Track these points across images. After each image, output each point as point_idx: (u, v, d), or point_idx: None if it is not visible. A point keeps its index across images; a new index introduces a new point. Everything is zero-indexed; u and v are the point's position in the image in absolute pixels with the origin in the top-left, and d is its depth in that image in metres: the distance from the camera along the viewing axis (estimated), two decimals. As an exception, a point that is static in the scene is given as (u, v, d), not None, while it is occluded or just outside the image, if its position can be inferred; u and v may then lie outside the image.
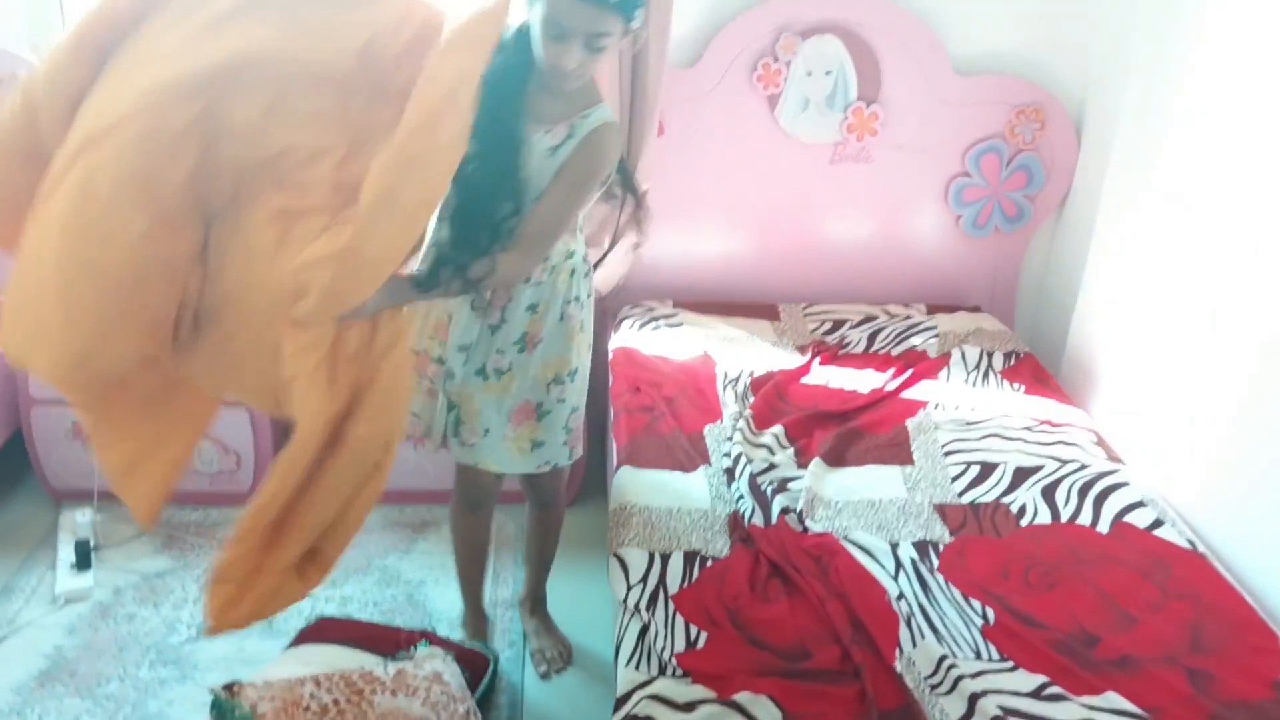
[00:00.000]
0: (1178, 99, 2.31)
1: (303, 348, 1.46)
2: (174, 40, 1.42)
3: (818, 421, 2.35)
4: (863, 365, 2.61)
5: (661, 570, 1.84)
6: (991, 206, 2.91)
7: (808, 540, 1.93)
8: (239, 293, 1.50)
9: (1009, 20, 2.77)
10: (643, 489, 2.08)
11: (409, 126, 1.43)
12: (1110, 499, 2.05)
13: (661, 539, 1.93)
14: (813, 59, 2.74)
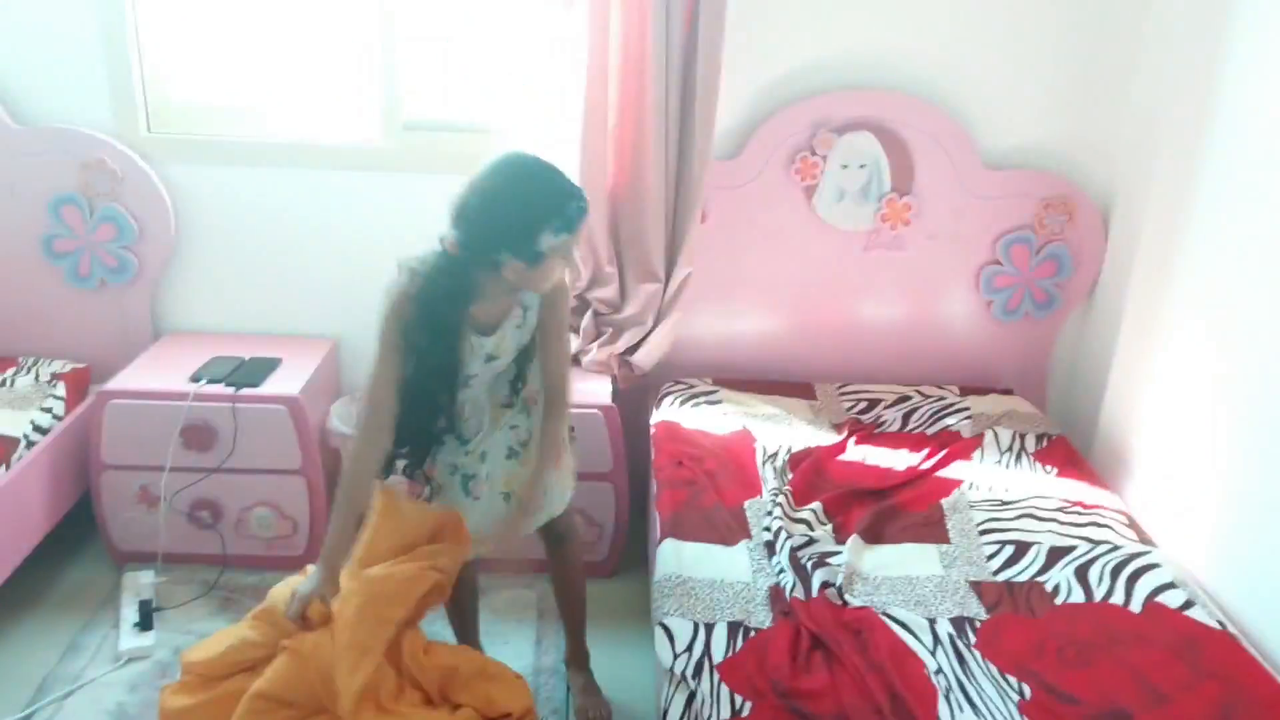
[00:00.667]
0: (1203, 191, 2.42)
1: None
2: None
3: (855, 498, 2.43)
4: (898, 444, 2.70)
5: (706, 640, 1.92)
6: (1022, 293, 3.02)
7: (847, 614, 2.00)
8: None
9: (1036, 116, 2.91)
10: (686, 560, 2.17)
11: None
12: (1142, 580, 2.11)
13: (705, 609, 2.01)
14: (848, 153, 2.89)
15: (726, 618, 1.99)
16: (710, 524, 2.30)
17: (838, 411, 2.90)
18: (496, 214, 1.83)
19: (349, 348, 3.14)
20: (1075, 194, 2.93)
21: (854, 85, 2.87)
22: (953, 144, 2.89)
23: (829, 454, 2.63)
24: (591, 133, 2.70)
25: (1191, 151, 2.46)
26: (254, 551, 2.82)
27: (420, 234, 3.00)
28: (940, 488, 2.49)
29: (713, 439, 2.65)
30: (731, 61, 2.70)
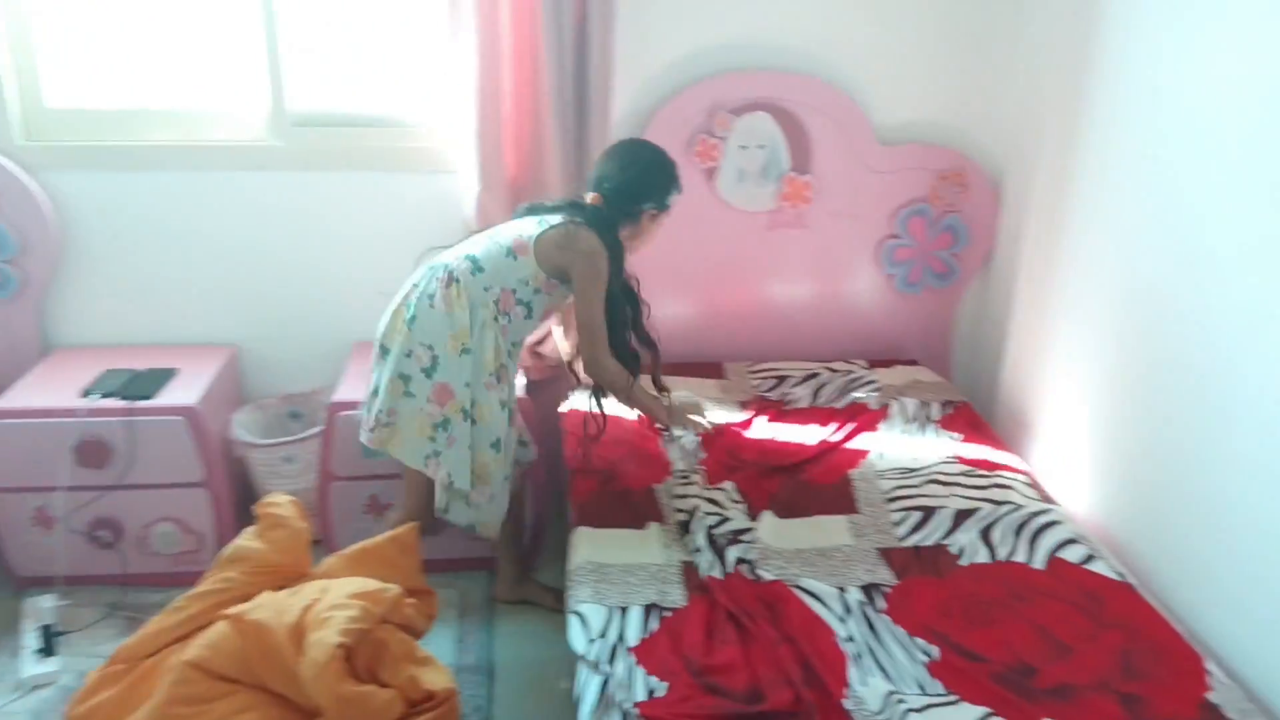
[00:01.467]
0: (1087, 160, 2.49)
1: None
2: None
3: (767, 475, 2.45)
4: (807, 420, 2.73)
5: (621, 624, 1.92)
6: (921, 265, 3.08)
7: (760, 589, 2.01)
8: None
9: (927, 91, 2.97)
10: (599, 547, 2.17)
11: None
12: (1044, 537, 2.17)
13: (619, 594, 2.01)
14: (746, 134, 2.91)
15: (640, 600, 1.99)
16: (622, 509, 2.30)
17: (746, 389, 2.92)
18: (643, 170, 2.33)
19: (250, 354, 3.06)
20: (968, 166, 3.00)
21: (749, 67, 2.89)
22: (847, 121, 2.93)
23: (739, 432, 2.64)
24: (487, 123, 2.67)
25: (1073, 121, 2.53)
26: (158, 569, 2.73)
27: (317, 232, 2.97)
28: (849, 459, 2.53)
29: (621, 426, 2.65)
30: (625, 45, 2.70)
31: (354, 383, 2.77)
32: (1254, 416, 1.88)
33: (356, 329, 3.05)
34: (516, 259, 2.26)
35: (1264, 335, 1.86)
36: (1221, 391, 1.97)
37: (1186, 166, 2.10)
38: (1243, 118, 1.93)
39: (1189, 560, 2.05)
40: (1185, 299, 2.11)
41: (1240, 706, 1.71)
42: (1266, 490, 1.85)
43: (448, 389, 2.24)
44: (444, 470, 2.28)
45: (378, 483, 2.71)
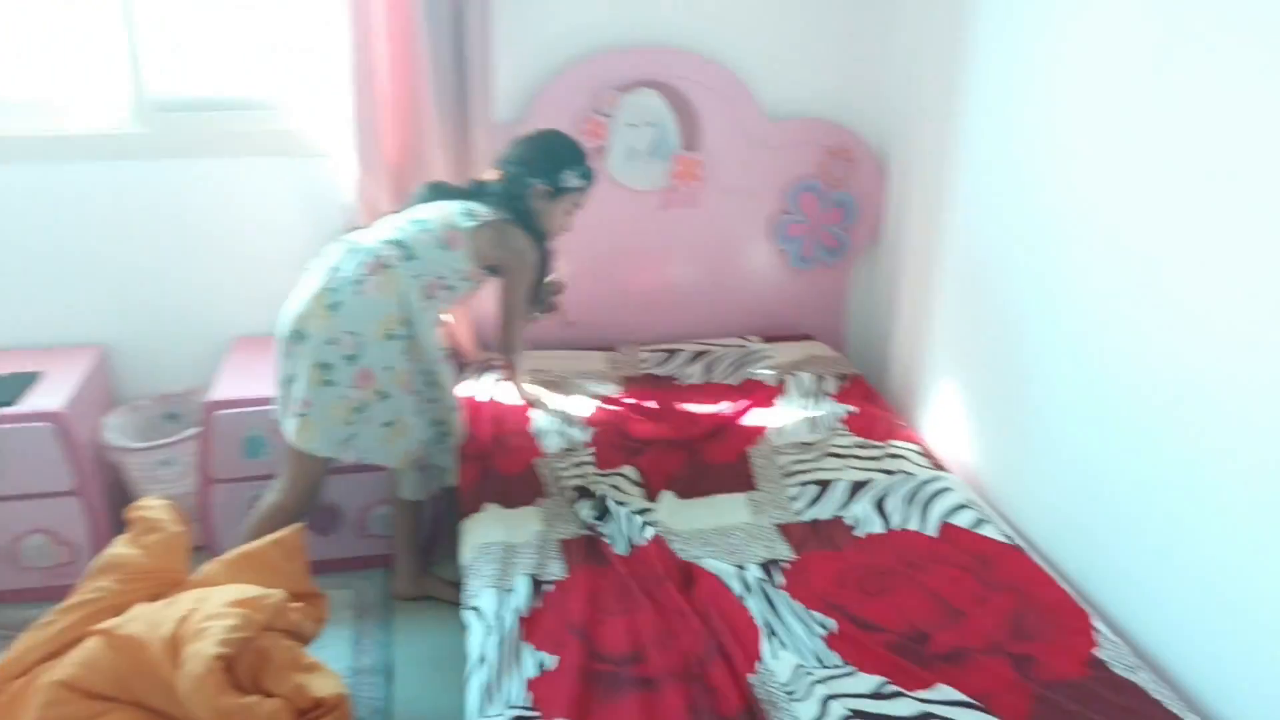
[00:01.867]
0: (965, 133, 2.52)
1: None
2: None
3: (665, 455, 2.43)
4: (701, 397, 2.71)
5: (511, 604, 1.89)
6: (813, 241, 3.09)
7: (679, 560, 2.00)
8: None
9: (811, 69, 2.97)
10: (487, 530, 2.15)
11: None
12: (935, 504, 2.19)
13: (506, 575, 1.97)
14: (634, 112, 2.87)
15: (525, 571, 1.97)
16: (504, 490, 2.28)
17: (634, 365, 2.88)
18: (534, 148, 2.41)
19: (121, 353, 2.91)
20: (855, 141, 3.01)
21: (634, 43, 2.84)
22: (735, 98, 2.91)
23: (630, 413, 2.61)
24: (364, 105, 2.57)
25: (952, 97, 2.56)
26: (31, 584, 2.57)
27: (187, 223, 2.83)
28: (747, 436, 2.52)
29: (494, 407, 2.58)
30: (505, 22, 2.64)
31: (233, 380, 2.66)
32: (1127, 381, 1.93)
33: (234, 323, 2.92)
34: (449, 250, 2.29)
35: (1131, 302, 1.90)
36: (1095, 357, 2.02)
37: (1054, 143, 2.14)
38: (1109, 94, 1.97)
39: (1073, 521, 2.10)
40: (1055, 269, 2.15)
41: (1126, 661, 1.75)
42: (1140, 450, 1.89)
43: (369, 374, 2.24)
44: (354, 453, 2.29)
45: (263, 483, 2.59)
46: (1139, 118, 1.89)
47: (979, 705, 1.65)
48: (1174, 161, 1.80)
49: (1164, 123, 1.83)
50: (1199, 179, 1.74)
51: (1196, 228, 1.75)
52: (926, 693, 1.67)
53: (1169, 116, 1.82)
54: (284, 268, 2.85)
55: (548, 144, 2.43)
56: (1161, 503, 1.84)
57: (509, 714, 1.62)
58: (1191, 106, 1.75)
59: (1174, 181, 1.80)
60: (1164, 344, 1.83)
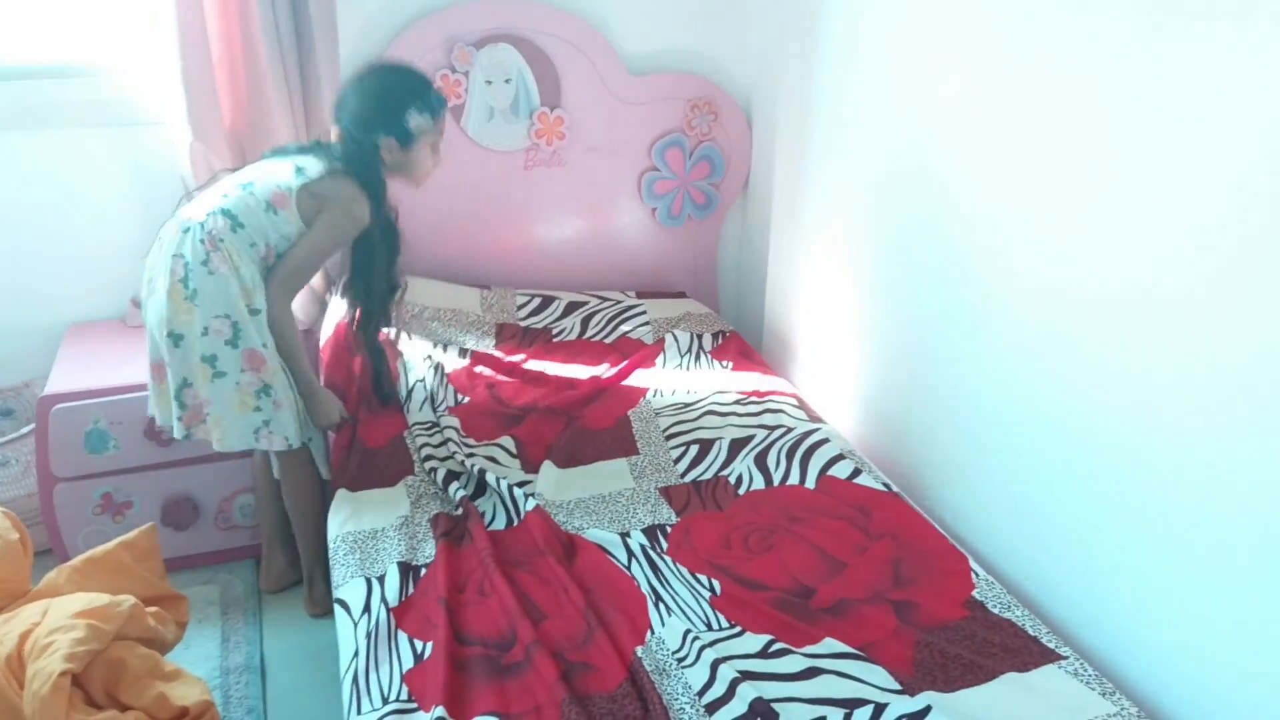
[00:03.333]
0: (823, 84, 2.51)
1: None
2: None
3: (543, 423, 2.36)
4: (577, 356, 2.64)
5: (381, 593, 1.80)
6: (682, 197, 3.05)
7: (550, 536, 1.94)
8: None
9: (672, 21, 2.90)
10: (352, 514, 2.05)
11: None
12: (814, 456, 2.19)
13: (375, 563, 1.89)
14: (490, 68, 2.75)
15: (395, 557, 1.89)
16: (371, 469, 2.17)
17: (508, 311, 2.78)
18: (366, 98, 2.13)
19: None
20: (718, 95, 2.97)
21: (487, -4, 2.72)
22: (594, 52, 2.82)
23: (500, 372, 2.53)
24: (194, 67, 2.38)
25: (812, 45, 2.54)
26: None
27: (12, 202, 2.58)
28: (626, 399, 2.47)
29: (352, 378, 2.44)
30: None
31: (70, 371, 2.46)
32: (995, 316, 1.96)
33: (68, 310, 2.71)
34: (277, 213, 2.09)
35: (1000, 237, 1.93)
36: (958, 295, 2.04)
37: (921, 80, 2.14)
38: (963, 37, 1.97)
39: (946, 464, 2.14)
40: (913, 213, 2.17)
41: (1002, 600, 1.79)
42: (1006, 387, 1.93)
43: (256, 354, 2.09)
44: (278, 437, 2.15)
45: (109, 479, 2.42)
46: (994, 62, 1.90)
47: (863, 655, 1.66)
48: (1036, 106, 1.81)
49: (1018, 67, 1.84)
50: (1055, 117, 1.76)
51: (1059, 163, 1.77)
52: (814, 647, 1.67)
53: (1023, 60, 1.83)
54: (118, 247, 2.67)
55: (380, 88, 2.14)
56: (1033, 444, 1.88)
57: (385, 710, 1.55)
58: (1046, 47, 1.77)
59: (1033, 122, 1.82)
60: (1029, 281, 1.86)
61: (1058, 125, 1.75)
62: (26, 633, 1.70)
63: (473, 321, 2.72)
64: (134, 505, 2.46)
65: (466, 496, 2.06)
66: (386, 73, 2.19)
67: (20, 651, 1.68)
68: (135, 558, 1.95)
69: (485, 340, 2.66)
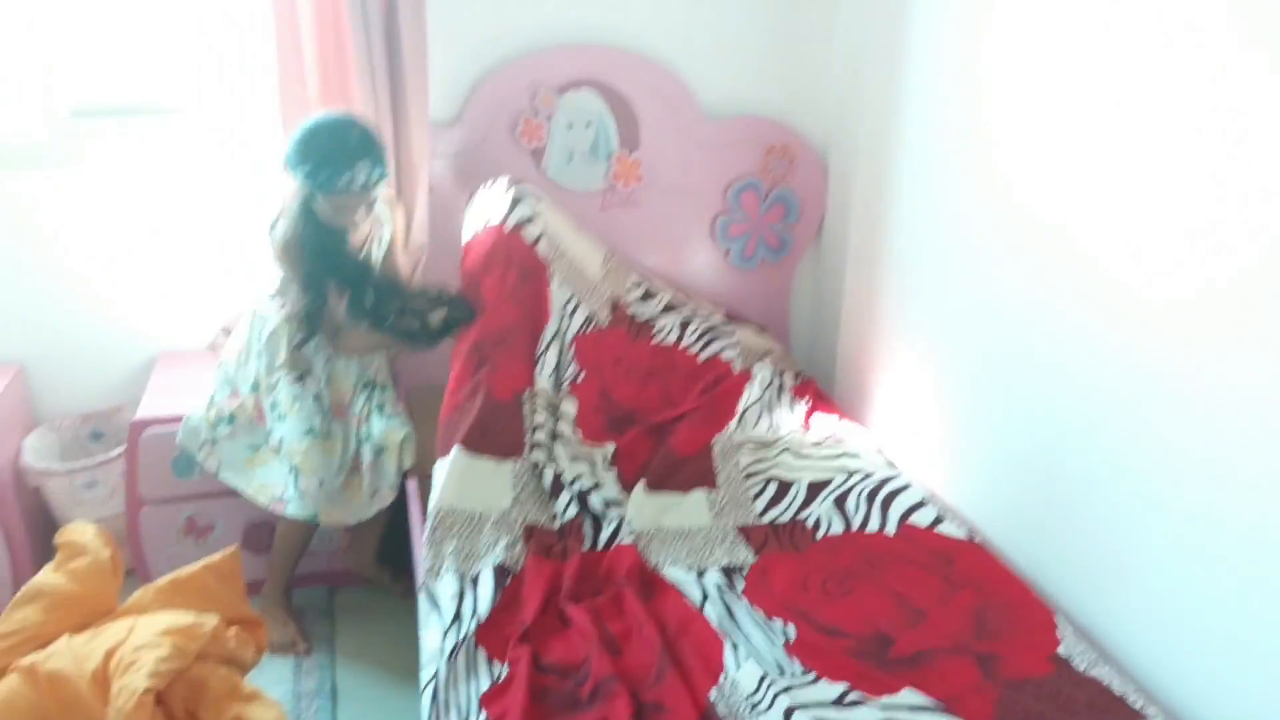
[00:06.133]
0: (905, 130, 2.51)
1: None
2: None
3: (640, 440, 2.36)
4: (674, 367, 2.58)
5: (474, 601, 1.83)
6: (755, 240, 3.06)
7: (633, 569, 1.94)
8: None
9: (750, 67, 2.93)
10: (458, 484, 2.08)
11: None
12: (895, 502, 2.17)
13: (469, 556, 1.92)
14: (572, 112, 2.81)
15: (491, 561, 1.91)
16: (487, 429, 2.19)
17: (621, 288, 2.71)
18: (294, 138, 2.21)
19: (39, 371, 2.76)
20: (794, 139, 2.99)
21: (570, 42, 2.78)
22: (673, 97, 2.87)
23: (612, 364, 2.49)
24: (291, 106, 2.46)
25: (893, 91, 2.55)
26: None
27: (107, 233, 2.69)
28: (712, 424, 2.45)
29: (512, 271, 2.44)
30: (440, 19, 2.55)
31: (160, 397, 2.54)
32: (1079, 376, 1.92)
33: (160, 338, 2.80)
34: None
35: (1078, 295, 1.90)
36: (1044, 352, 2.01)
37: (1003, 130, 2.13)
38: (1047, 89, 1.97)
39: (1028, 517, 2.09)
40: (999, 265, 2.15)
41: (1088, 657, 1.74)
42: (1093, 446, 1.89)
43: (236, 393, 2.40)
44: (214, 459, 2.37)
45: (192, 503, 2.48)
46: (1077, 112, 1.89)
47: (943, 708, 1.62)
48: (1113, 153, 1.80)
49: (1101, 116, 1.83)
50: (1139, 170, 1.74)
51: (1141, 219, 1.75)
52: (892, 698, 1.64)
53: (1106, 110, 1.82)
54: (208, 278, 2.75)
55: (300, 134, 2.20)
56: (1116, 499, 1.84)
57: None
58: (1130, 100, 1.76)
59: (1114, 173, 1.80)
60: (1114, 338, 1.83)
61: (1146, 174, 1.74)
62: (113, 649, 1.74)
63: (592, 286, 2.61)
64: (216, 528, 2.52)
65: (571, 521, 2.07)
66: (317, 125, 2.21)
67: (106, 667, 1.72)
68: (218, 580, 1.99)
69: (603, 311, 2.59)
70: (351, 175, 2.17)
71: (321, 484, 2.28)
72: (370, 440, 2.36)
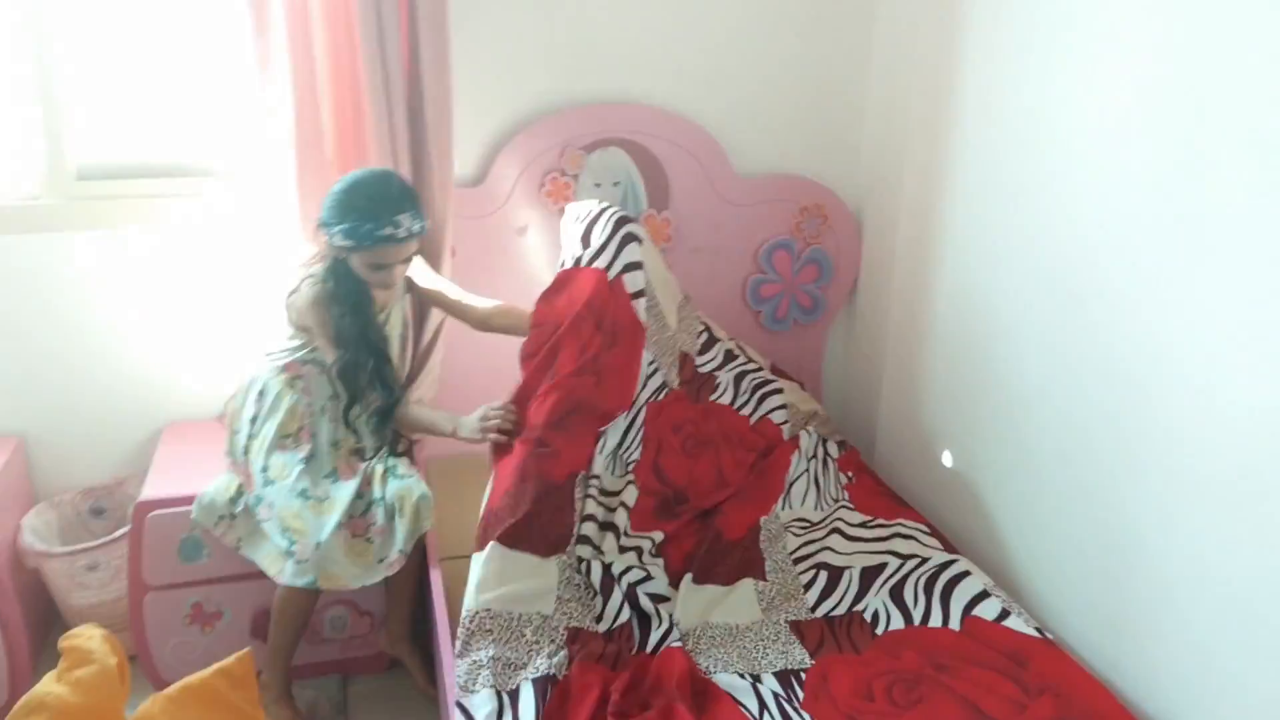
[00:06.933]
0: (950, 193, 2.40)
1: None
2: None
3: (689, 527, 2.19)
4: (728, 433, 2.40)
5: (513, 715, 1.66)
6: (788, 301, 2.94)
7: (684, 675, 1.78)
8: None
9: (783, 124, 2.84)
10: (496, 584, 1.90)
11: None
12: (956, 592, 2.03)
13: (507, 666, 1.74)
14: (600, 171, 2.70)
15: (532, 673, 1.74)
16: (533, 522, 1.97)
17: (691, 333, 2.53)
18: (331, 193, 2.14)
19: (41, 443, 2.61)
20: (828, 197, 2.89)
21: (598, 100, 2.68)
22: (704, 155, 2.76)
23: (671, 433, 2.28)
24: (308, 167, 2.35)
25: (937, 154, 2.44)
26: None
27: (112, 300, 2.56)
28: (760, 502, 2.30)
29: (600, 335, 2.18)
30: (463, 76, 2.45)
31: (165, 473, 2.39)
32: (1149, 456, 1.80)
33: (167, 407, 2.66)
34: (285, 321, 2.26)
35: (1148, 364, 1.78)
36: (1120, 439, 1.88)
37: (1057, 196, 2.02)
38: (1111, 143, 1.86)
39: (1100, 611, 1.95)
40: (1061, 335, 2.03)
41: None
42: (1171, 532, 1.75)
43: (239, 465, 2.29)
44: (233, 535, 2.24)
45: (200, 589, 2.33)
46: (1151, 176, 1.78)
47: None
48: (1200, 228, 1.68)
49: (1159, 174, 1.73)
50: (1226, 249, 1.62)
51: (1225, 311, 1.63)
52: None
53: (1164, 168, 1.71)
54: (216, 345, 2.62)
55: (338, 190, 2.14)
56: (1204, 604, 1.70)
57: None
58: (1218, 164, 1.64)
59: (1198, 252, 1.68)
60: (1197, 433, 1.70)
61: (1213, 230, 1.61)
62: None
63: (670, 340, 2.40)
64: (224, 615, 2.36)
65: (622, 626, 1.91)
66: (355, 181, 2.15)
67: None
68: (231, 685, 1.84)
69: (673, 371, 2.37)
70: (395, 225, 2.10)
71: (318, 546, 2.11)
72: (383, 502, 2.20)
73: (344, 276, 2.16)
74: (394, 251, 2.14)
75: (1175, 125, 1.71)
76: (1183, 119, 1.70)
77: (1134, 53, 1.80)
